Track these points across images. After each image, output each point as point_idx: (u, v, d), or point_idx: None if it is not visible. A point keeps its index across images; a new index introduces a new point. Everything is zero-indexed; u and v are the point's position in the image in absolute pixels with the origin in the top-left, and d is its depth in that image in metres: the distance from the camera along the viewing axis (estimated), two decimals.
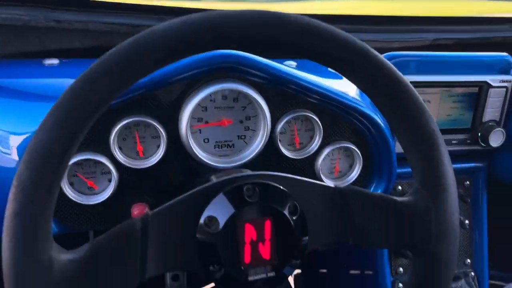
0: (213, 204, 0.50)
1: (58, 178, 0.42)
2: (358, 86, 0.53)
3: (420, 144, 0.52)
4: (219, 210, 0.50)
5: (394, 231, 0.53)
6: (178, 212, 0.50)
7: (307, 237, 0.53)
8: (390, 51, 0.86)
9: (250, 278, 0.51)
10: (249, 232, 0.50)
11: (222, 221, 0.50)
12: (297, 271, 1.70)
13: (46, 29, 0.87)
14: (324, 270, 1.38)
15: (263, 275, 0.51)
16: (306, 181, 0.54)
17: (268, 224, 0.51)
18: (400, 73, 0.51)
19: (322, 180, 0.80)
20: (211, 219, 0.50)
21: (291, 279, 1.77)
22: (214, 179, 0.55)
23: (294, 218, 0.52)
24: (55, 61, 0.78)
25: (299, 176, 0.54)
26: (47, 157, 0.41)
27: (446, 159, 0.52)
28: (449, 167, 0.53)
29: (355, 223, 0.54)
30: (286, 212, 0.52)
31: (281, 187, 0.52)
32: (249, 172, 0.58)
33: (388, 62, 0.50)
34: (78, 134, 0.42)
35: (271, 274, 0.52)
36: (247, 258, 0.50)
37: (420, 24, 1.10)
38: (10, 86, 0.72)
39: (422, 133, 0.52)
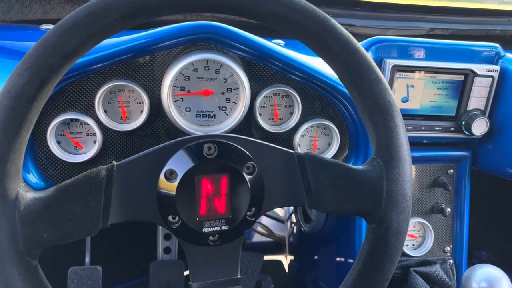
0: (174, 159, 0.54)
1: (29, 118, 0.46)
2: (319, 56, 0.55)
3: (375, 115, 0.54)
4: (179, 164, 0.53)
5: (348, 197, 0.56)
6: (141, 165, 0.54)
7: (264, 197, 0.56)
8: None
9: (205, 230, 0.54)
10: (206, 186, 0.53)
11: (181, 175, 0.53)
12: (290, 257, 1.74)
13: None
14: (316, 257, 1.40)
15: (217, 228, 0.55)
16: (266, 144, 0.57)
17: (224, 180, 0.54)
18: (358, 45, 0.53)
19: None
20: (172, 172, 0.53)
21: (285, 265, 1.81)
22: None
23: (251, 177, 0.55)
24: (51, 27, 0.82)
25: (260, 140, 0.57)
26: (16, 98, 0.45)
27: (401, 130, 0.54)
28: (403, 138, 0.54)
29: (311, 187, 0.56)
30: (243, 170, 0.55)
31: (240, 147, 0.55)
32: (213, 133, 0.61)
33: (347, 33, 0.52)
34: (48, 79, 0.46)
35: (225, 227, 0.55)
36: (202, 211, 0.54)
37: (417, 12, 1.11)
38: (7, 47, 0.76)
39: (377, 104, 0.53)
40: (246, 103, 0.76)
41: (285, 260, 1.82)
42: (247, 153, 0.55)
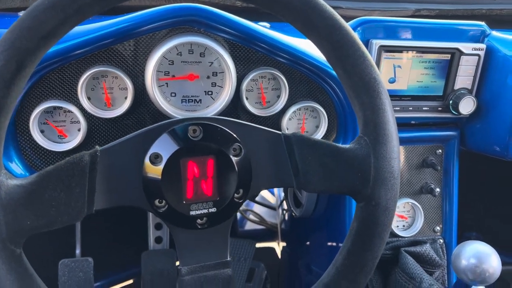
0: (159, 142, 0.53)
1: (7, 103, 0.45)
2: (303, 34, 0.54)
3: (361, 92, 0.53)
4: (164, 148, 0.52)
5: (335, 176, 0.55)
6: (126, 149, 0.53)
7: (251, 178, 0.56)
8: None
9: (192, 213, 0.54)
10: (192, 169, 0.53)
11: (166, 158, 0.52)
12: (283, 243, 1.75)
13: None
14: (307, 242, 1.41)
15: (205, 211, 0.54)
16: (253, 126, 0.56)
17: (211, 163, 0.53)
18: (342, 21, 0.52)
19: None
20: (157, 156, 0.52)
21: (278, 251, 1.82)
22: None
23: (238, 159, 0.54)
24: None
25: (246, 122, 0.57)
26: None
27: (387, 107, 0.54)
28: (389, 116, 0.54)
29: (299, 167, 0.56)
30: (230, 152, 0.54)
31: (226, 129, 0.54)
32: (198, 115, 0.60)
33: (331, 9, 0.51)
34: (25, 62, 0.45)
35: (213, 210, 0.54)
36: (189, 194, 0.53)
37: None
38: None
39: (362, 82, 0.53)
40: (232, 87, 0.75)
41: (278, 246, 1.83)
42: (233, 134, 0.55)
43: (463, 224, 1.18)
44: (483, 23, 0.91)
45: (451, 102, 0.91)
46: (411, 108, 0.91)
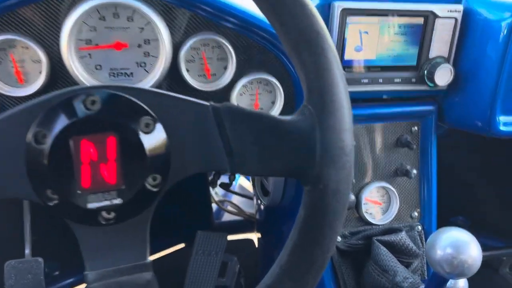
0: (45, 118, 0.42)
1: None
2: None
3: (302, 49, 0.43)
4: (51, 124, 0.41)
5: (275, 154, 0.45)
6: (6, 129, 0.42)
7: (170, 161, 0.45)
8: None
9: (90, 206, 0.43)
10: (87, 150, 0.42)
11: (52, 137, 0.41)
12: (259, 234, 1.66)
13: None
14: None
15: (107, 202, 0.43)
16: (171, 95, 0.45)
17: (112, 141, 0.42)
18: None
19: None
20: (42, 135, 0.41)
21: (255, 241, 1.73)
22: None
23: (149, 136, 0.44)
24: None
25: (163, 91, 0.46)
26: None
27: (335, 67, 0.43)
28: (338, 78, 0.43)
29: (232, 146, 0.45)
30: (138, 128, 0.43)
31: (133, 99, 0.43)
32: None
33: None
34: None
35: (117, 201, 0.43)
36: (85, 182, 0.42)
37: None
38: None
39: (303, 36, 0.42)
40: (167, 57, 0.64)
41: (256, 238, 1.74)
42: (143, 106, 0.44)
43: (449, 209, 1.08)
44: None
45: (426, 72, 0.81)
46: (381, 81, 0.81)
